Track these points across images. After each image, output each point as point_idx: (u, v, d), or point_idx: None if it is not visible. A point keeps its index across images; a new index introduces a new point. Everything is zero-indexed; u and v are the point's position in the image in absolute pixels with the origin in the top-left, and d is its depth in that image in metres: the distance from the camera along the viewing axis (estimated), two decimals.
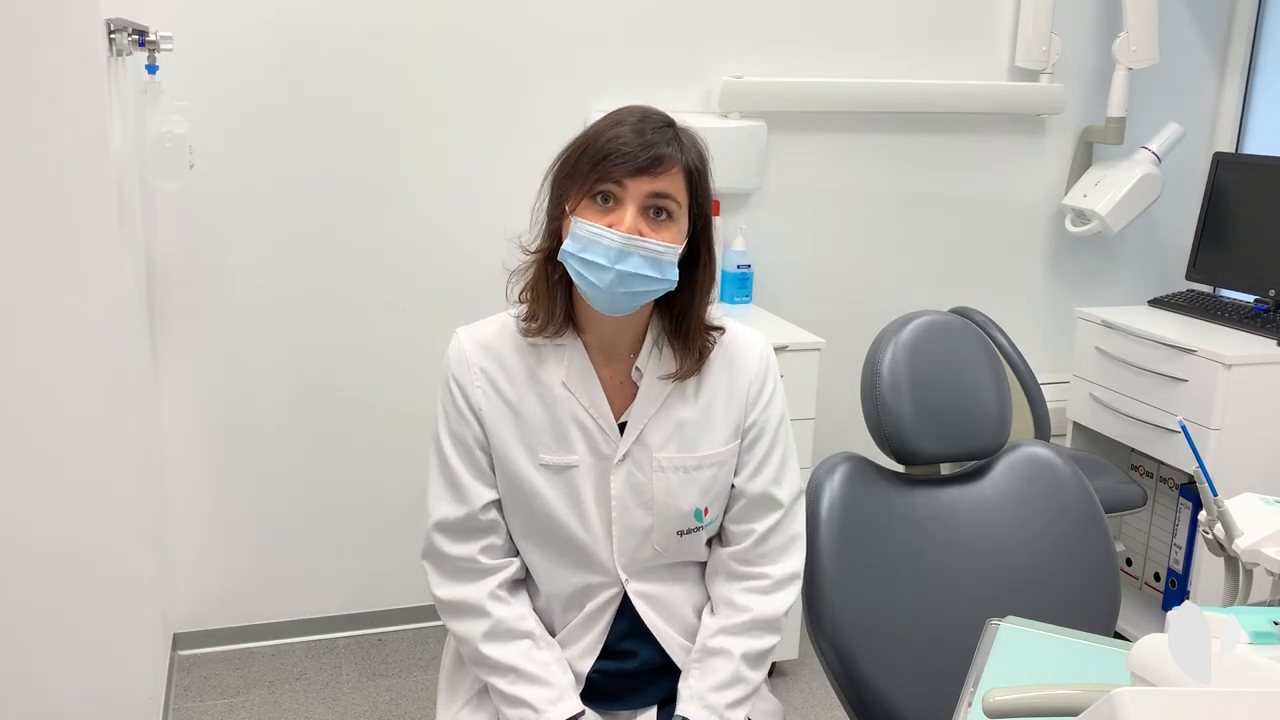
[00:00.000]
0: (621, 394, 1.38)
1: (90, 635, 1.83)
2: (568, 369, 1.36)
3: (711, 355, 1.40)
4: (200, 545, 2.58)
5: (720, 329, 1.41)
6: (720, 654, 1.38)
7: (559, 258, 1.30)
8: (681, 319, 1.36)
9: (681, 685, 1.39)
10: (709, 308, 1.39)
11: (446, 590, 1.39)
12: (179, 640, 2.62)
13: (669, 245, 1.28)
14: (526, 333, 1.36)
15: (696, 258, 1.35)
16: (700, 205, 1.33)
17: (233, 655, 2.63)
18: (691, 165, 1.30)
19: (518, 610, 1.39)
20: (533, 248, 1.37)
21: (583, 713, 1.35)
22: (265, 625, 2.67)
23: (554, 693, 1.34)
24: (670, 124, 1.32)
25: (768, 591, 1.41)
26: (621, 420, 1.37)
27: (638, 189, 1.27)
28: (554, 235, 1.34)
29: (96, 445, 1.78)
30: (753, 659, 1.39)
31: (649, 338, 1.39)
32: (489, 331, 1.40)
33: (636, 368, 1.38)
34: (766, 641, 1.41)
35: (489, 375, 1.37)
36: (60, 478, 1.77)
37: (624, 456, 1.36)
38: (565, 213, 1.31)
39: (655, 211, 1.28)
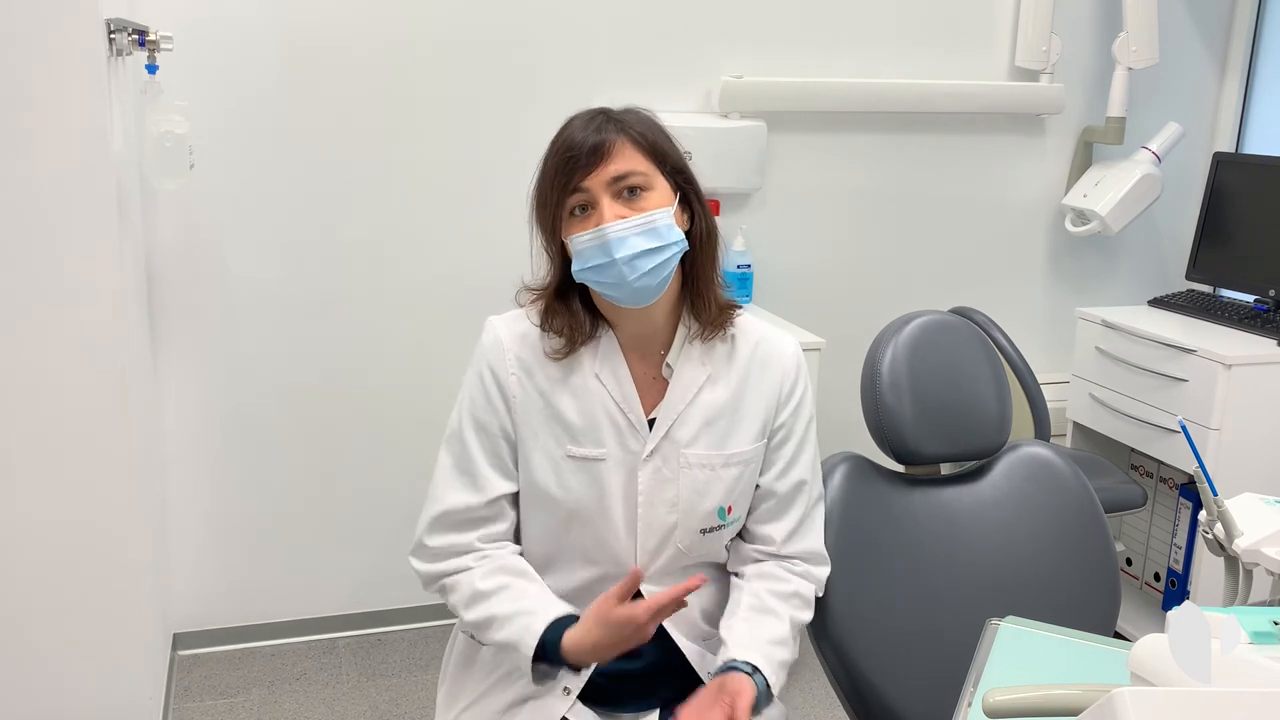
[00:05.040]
0: (653, 390, 1.40)
1: (90, 635, 1.84)
2: (601, 362, 1.38)
3: (745, 355, 1.42)
4: (200, 545, 2.58)
5: (736, 305, 1.43)
6: (771, 614, 1.39)
7: (575, 279, 1.33)
8: (689, 275, 1.38)
9: (727, 631, 1.38)
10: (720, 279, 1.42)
11: (437, 540, 1.39)
12: (179, 640, 2.62)
13: (656, 210, 1.31)
14: (558, 358, 1.37)
15: (693, 221, 1.38)
16: (674, 165, 1.35)
17: (233, 655, 2.63)
18: (637, 135, 1.32)
19: (508, 551, 1.40)
20: (542, 284, 1.40)
21: (576, 616, 1.33)
22: (265, 625, 2.67)
23: (550, 598, 1.35)
24: (604, 111, 1.35)
25: (803, 575, 1.44)
26: (651, 417, 1.38)
27: (598, 181, 1.30)
28: (559, 268, 1.37)
29: (96, 445, 1.78)
30: (796, 629, 1.41)
31: (679, 334, 1.40)
32: (523, 322, 1.41)
33: (667, 364, 1.39)
34: (805, 616, 1.43)
35: (524, 363, 1.38)
36: (60, 478, 1.77)
37: (652, 452, 1.37)
38: (560, 239, 1.34)
39: (628, 192, 1.31)
